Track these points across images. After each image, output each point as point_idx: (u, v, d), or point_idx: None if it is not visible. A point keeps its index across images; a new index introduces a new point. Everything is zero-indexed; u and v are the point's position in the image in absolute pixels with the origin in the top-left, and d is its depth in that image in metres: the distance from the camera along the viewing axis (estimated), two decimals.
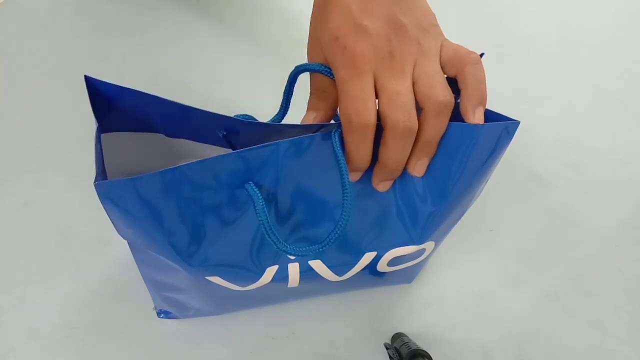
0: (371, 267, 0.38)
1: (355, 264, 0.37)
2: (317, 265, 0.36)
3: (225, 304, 0.41)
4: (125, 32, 0.59)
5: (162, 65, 0.57)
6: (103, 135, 0.32)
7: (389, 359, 0.41)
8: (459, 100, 0.32)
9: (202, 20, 0.60)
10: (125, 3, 0.60)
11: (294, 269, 0.36)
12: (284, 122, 0.35)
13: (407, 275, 0.44)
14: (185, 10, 0.61)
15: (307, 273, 0.37)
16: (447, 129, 0.32)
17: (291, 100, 0.35)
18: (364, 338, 0.45)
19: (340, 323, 0.46)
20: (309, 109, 0.34)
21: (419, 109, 0.31)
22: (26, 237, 0.48)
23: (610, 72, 0.61)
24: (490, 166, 0.34)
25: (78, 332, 0.44)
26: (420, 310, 0.46)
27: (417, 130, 0.31)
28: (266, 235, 0.31)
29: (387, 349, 0.42)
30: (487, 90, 0.32)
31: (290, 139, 0.31)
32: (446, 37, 0.34)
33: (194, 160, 0.29)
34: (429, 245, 0.38)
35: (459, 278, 0.48)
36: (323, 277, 0.38)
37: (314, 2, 0.35)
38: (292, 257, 0.35)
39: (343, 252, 0.36)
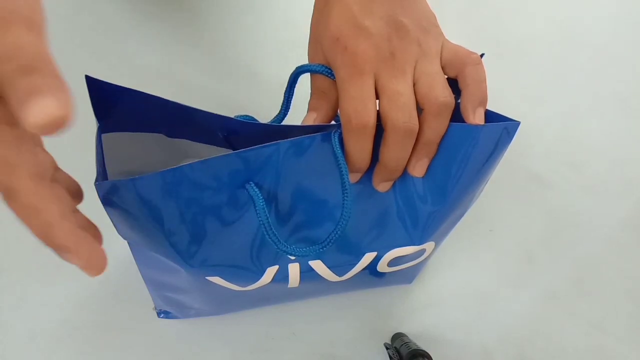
0: (371, 268, 0.38)
1: (356, 264, 0.37)
2: (317, 265, 0.36)
3: (225, 304, 0.41)
4: (125, 32, 0.59)
5: (162, 65, 0.57)
6: (104, 136, 0.32)
7: (389, 359, 0.41)
8: (459, 101, 0.32)
9: (202, 20, 0.60)
10: (125, 2, 0.60)
11: (294, 269, 0.36)
12: (284, 123, 0.35)
13: (407, 275, 0.44)
14: (185, 9, 0.61)
15: (307, 273, 0.37)
16: (447, 130, 0.32)
17: (292, 101, 0.35)
18: (364, 338, 0.45)
19: (340, 323, 0.46)
20: (309, 109, 0.34)
21: (420, 110, 0.31)
22: (26, 237, 0.47)
23: (610, 72, 0.61)
24: (490, 166, 0.34)
25: (78, 332, 0.44)
26: (420, 310, 0.46)
27: (417, 130, 0.31)
28: (266, 236, 0.31)
29: (387, 349, 0.42)
30: (487, 90, 0.32)
31: (290, 139, 0.31)
32: (446, 37, 0.34)
33: (195, 161, 0.29)
34: (429, 245, 0.38)
35: (459, 278, 0.48)
36: (323, 278, 0.38)
37: (315, 3, 0.35)
38: (293, 258, 0.35)
39: (343, 253, 0.36)
